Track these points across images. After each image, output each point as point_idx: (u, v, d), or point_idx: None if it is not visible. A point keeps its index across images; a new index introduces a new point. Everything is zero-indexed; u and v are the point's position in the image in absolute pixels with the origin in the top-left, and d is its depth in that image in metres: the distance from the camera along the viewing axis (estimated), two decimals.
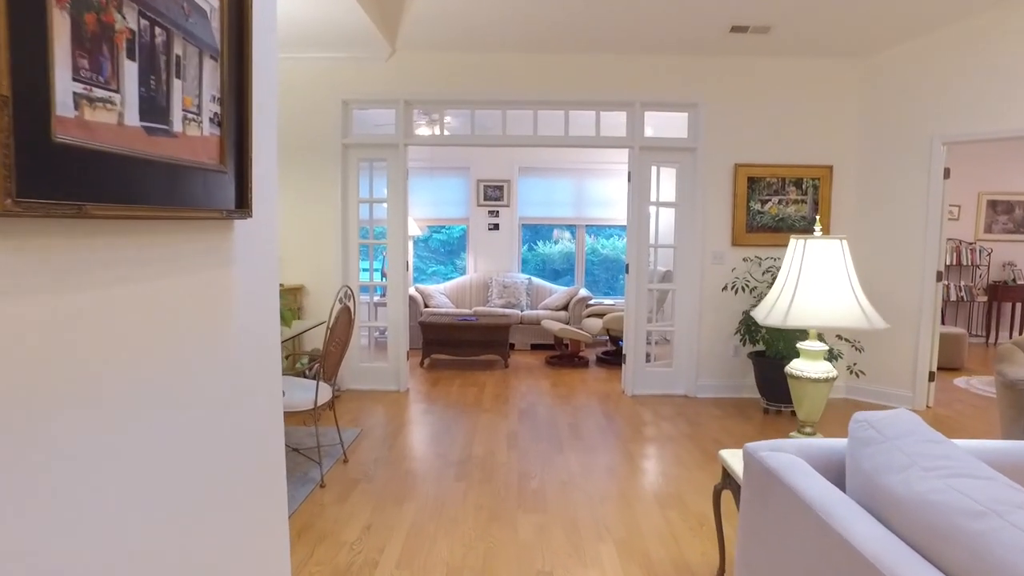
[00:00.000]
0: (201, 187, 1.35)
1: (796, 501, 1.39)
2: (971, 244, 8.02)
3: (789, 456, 1.53)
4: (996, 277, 8.12)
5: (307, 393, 3.40)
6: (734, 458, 2.37)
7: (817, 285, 2.03)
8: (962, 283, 8.02)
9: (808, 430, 2.17)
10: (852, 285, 2.02)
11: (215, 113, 1.39)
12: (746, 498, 1.66)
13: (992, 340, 8.12)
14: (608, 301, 8.17)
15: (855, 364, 4.69)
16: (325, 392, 3.54)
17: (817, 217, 5.33)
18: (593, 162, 8.21)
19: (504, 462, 3.82)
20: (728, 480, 2.45)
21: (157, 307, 1.22)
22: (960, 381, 5.98)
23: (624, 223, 8.32)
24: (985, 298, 8.03)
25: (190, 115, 1.29)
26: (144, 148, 1.12)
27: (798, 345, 2.18)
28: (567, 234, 9.02)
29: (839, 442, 1.65)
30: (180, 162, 1.25)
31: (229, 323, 1.51)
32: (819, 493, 1.33)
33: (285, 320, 2.26)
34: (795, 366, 2.15)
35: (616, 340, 6.90)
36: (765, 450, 1.61)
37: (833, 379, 2.12)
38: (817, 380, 2.10)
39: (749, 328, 4.85)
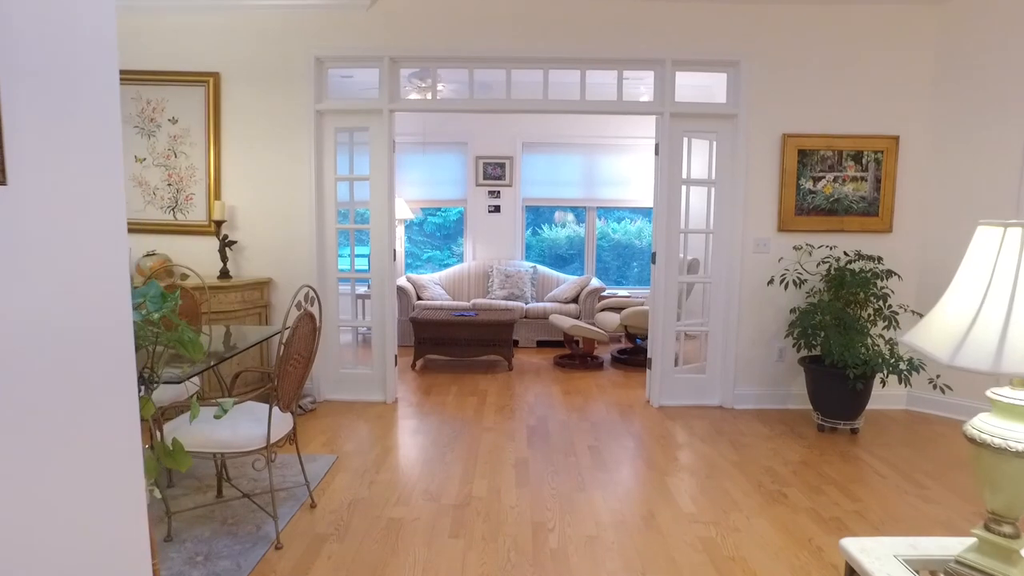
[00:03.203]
0: None
1: None
2: None
3: None
4: None
5: (256, 426, 2.59)
6: (871, 560, 1.57)
7: None
8: None
9: (1008, 530, 1.38)
10: None
11: None
12: None
13: None
14: (622, 292, 7.36)
15: (938, 376, 3.91)
16: (283, 423, 2.74)
17: (878, 196, 4.55)
18: (607, 136, 7.35)
19: (513, 506, 3.04)
20: None
21: None
22: None
23: (640, 204, 7.50)
24: None
25: None
26: None
27: (989, 393, 1.38)
28: (570, 216, 8.19)
29: None
30: None
31: None
32: None
33: (188, 350, 1.48)
34: (986, 428, 1.35)
35: (634, 337, 6.11)
36: None
37: None
38: None
39: (805, 331, 4.04)
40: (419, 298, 6.80)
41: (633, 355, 6.01)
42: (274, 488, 3.04)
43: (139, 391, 1.59)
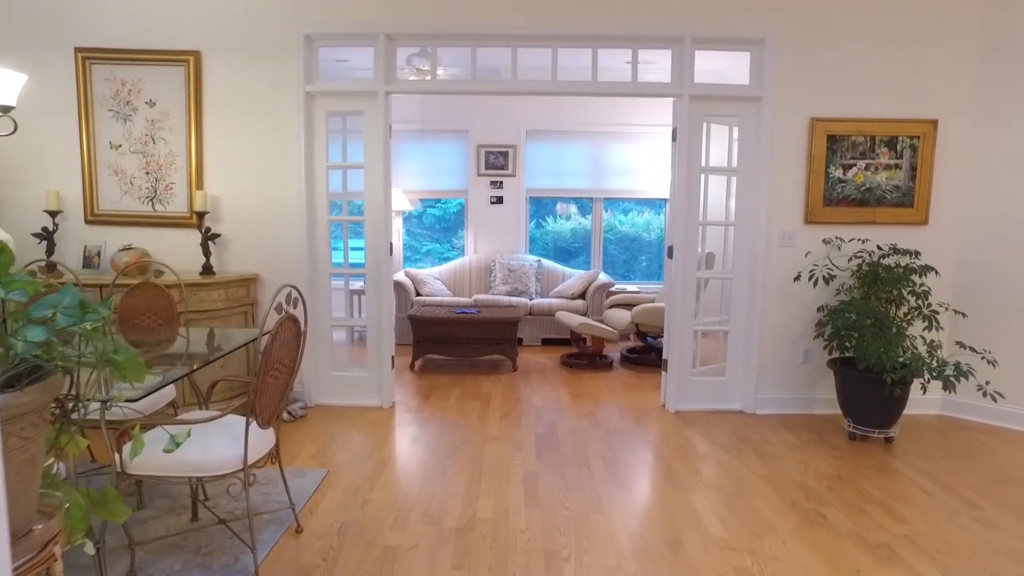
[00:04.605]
0: None
1: None
2: None
3: None
4: None
5: (232, 446, 2.27)
6: None
7: None
8: None
9: None
10: None
11: None
12: None
13: None
14: (630, 287, 7.04)
15: (988, 383, 3.59)
16: (264, 440, 2.42)
17: (913, 186, 4.21)
18: (615, 124, 6.99)
19: (523, 529, 2.72)
20: None
21: None
22: None
23: (650, 196, 7.18)
24: None
25: None
26: None
27: None
28: (573, 208, 7.83)
29: None
30: None
31: None
32: None
33: (123, 371, 1.16)
34: None
35: (644, 335, 5.79)
36: None
37: None
38: None
39: (838, 331, 3.72)
40: (418, 294, 6.48)
41: (644, 354, 5.69)
42: (255, 512, 2.74)
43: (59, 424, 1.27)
